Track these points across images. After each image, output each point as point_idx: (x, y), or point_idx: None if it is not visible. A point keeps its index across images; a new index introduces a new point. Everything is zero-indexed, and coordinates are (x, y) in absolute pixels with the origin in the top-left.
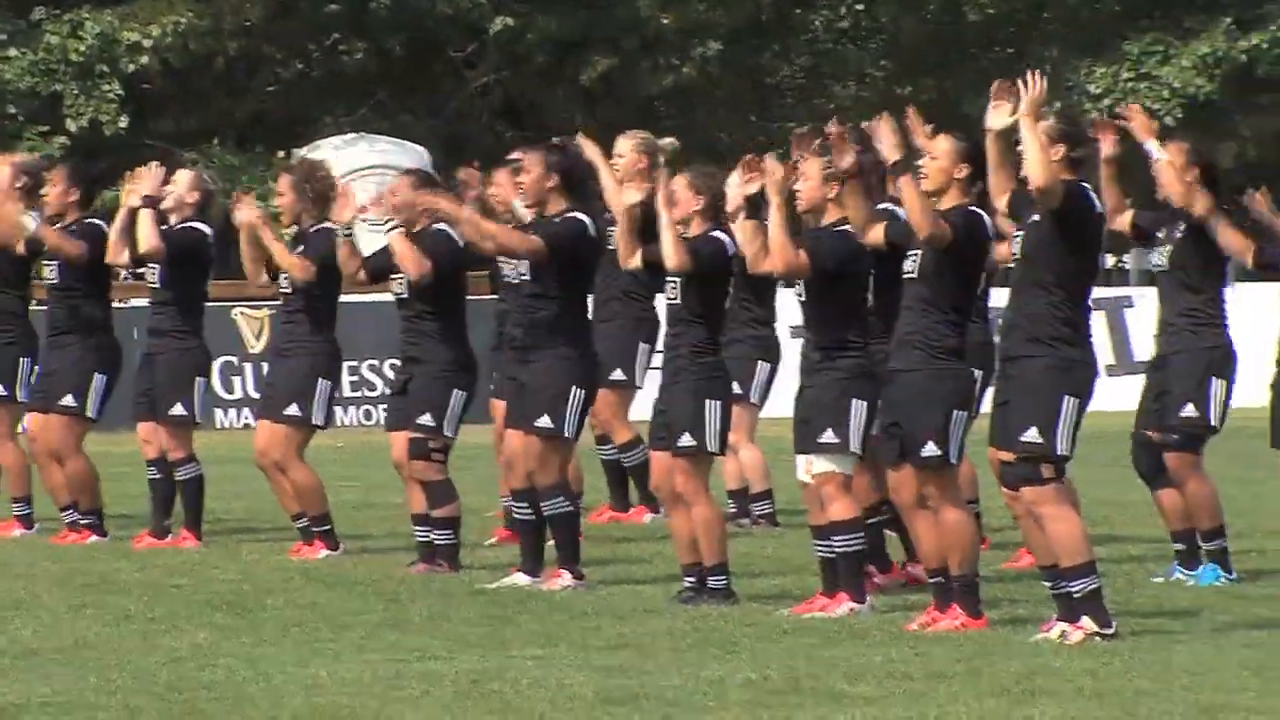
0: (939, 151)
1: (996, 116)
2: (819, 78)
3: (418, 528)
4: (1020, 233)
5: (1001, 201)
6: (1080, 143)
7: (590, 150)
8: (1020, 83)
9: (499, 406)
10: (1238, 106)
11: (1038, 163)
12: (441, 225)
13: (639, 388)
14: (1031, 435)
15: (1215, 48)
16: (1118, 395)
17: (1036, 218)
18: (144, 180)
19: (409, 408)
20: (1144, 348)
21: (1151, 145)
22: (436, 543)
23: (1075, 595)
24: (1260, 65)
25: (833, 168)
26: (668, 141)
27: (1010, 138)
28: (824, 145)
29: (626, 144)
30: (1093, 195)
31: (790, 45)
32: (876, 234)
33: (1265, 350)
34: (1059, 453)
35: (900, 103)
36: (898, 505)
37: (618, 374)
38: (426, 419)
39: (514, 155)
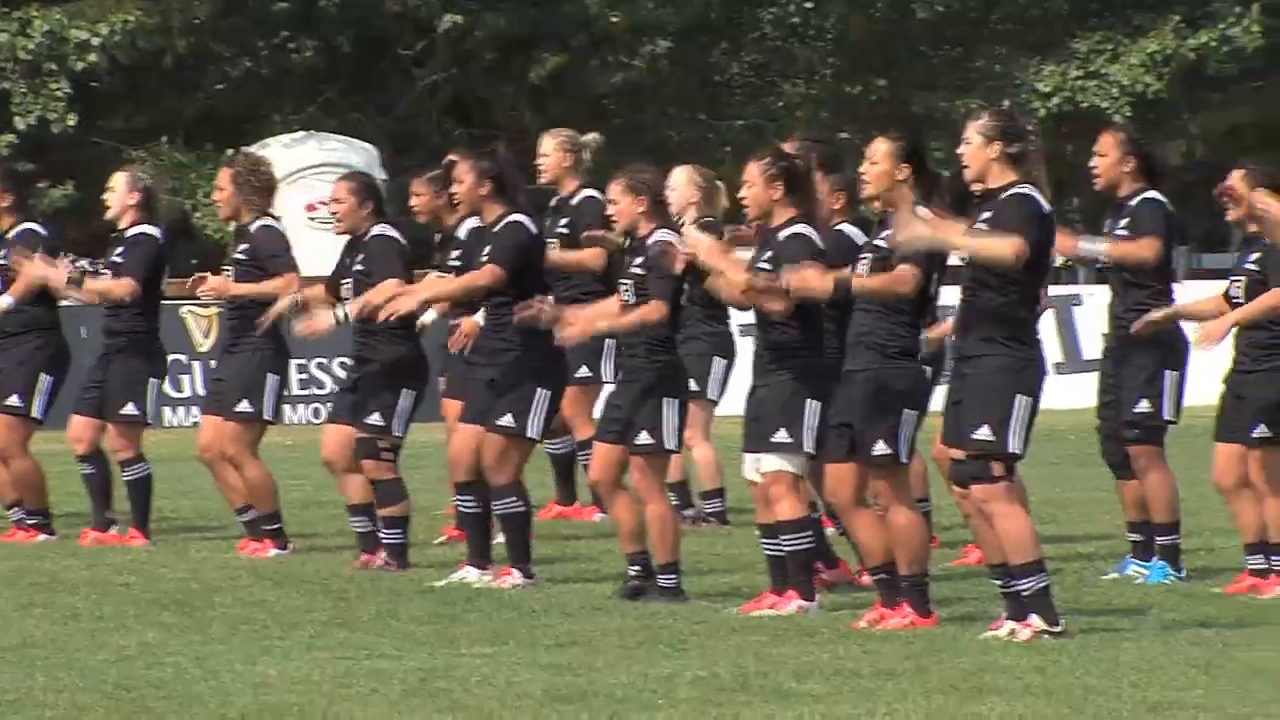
0: (878, 155)
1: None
2: (768, 76)
3: (355, 518)
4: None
5: None
6: (1017, 138)
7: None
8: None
9: (451, 406)
10: (1186, 104)
11: (996, 249)
12: (385, 228)
13: (607, 382)
14: (984, 433)
15: (1164, 46)
16: (1066, 393)
17: (987, 215)
18: (48, 277)
19: (358, 407)
20: (1093, 346)
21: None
22: (385, 541)
23: (1024, 593)
24: (1209, 63)
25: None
26: (591, 136)
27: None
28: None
29: (551, 143)
30: (1038, 196)
31: (739, 43)
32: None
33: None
34: (1011, 451)
35: (849, 101)
36: (835, 505)
37: (584, 371)
38: (376, 418)
39: (451, 158)
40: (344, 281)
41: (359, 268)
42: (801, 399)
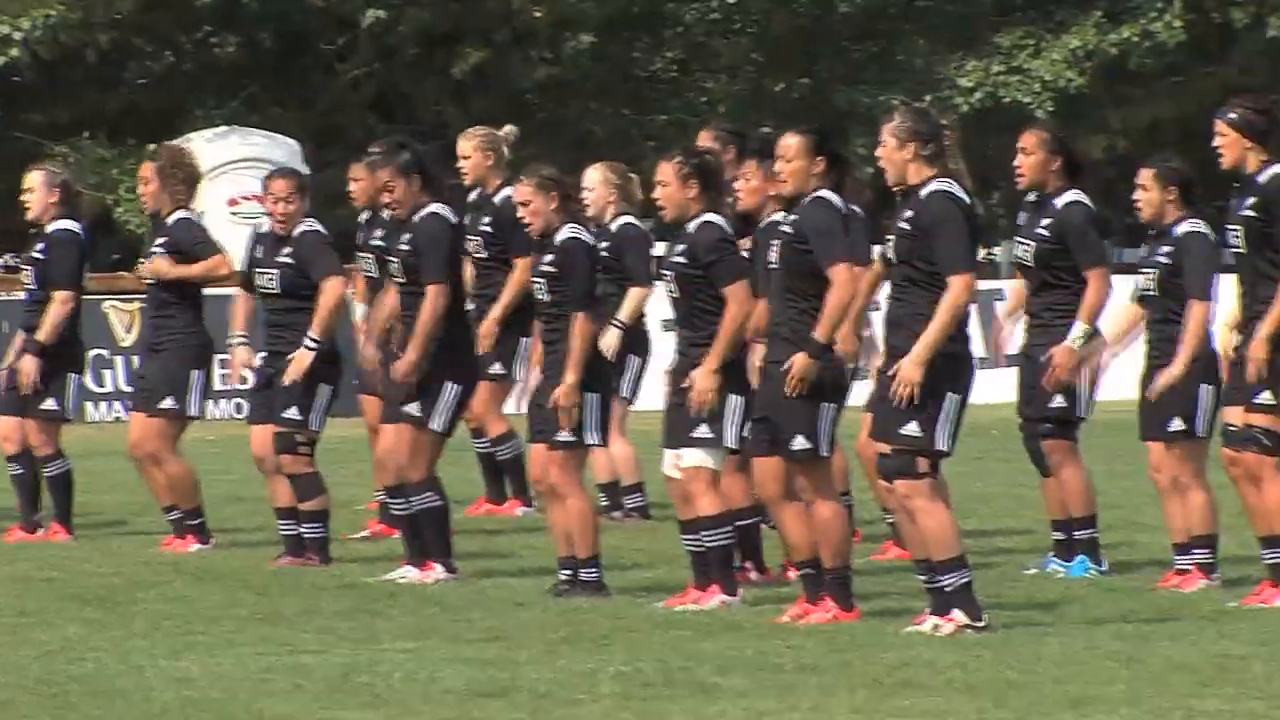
0: (790, 151)
1: None
2: (690, 71)
3: (282, 521)
4: (890, 237)
5: None
6: (931, 138)
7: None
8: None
9: (369, 401)
10: (1108, 99)
11: (943, 328)
12: (311, 224)
13: (517, 381)
14: (912, 429)
15: (1086, 41)
16: (988, 388)
17: (908, 214)
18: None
19: (274, 402)
20: (1015, 340)
21: None
22: (306, 536)
23: (947, 589)
24: (1130, 58)
25: None
26: (508, 129)
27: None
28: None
29: (469, 144)
30: (959, 192)
31: (661, 38)
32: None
33: (1135, 344)
34: (939, 448)
35: (772, 96)
36: (764, 499)
37: (496, 368)
38: (292, 413)
39: (374, 149)
40: (265, 271)
41: (287, 260)
42: (724, 394)
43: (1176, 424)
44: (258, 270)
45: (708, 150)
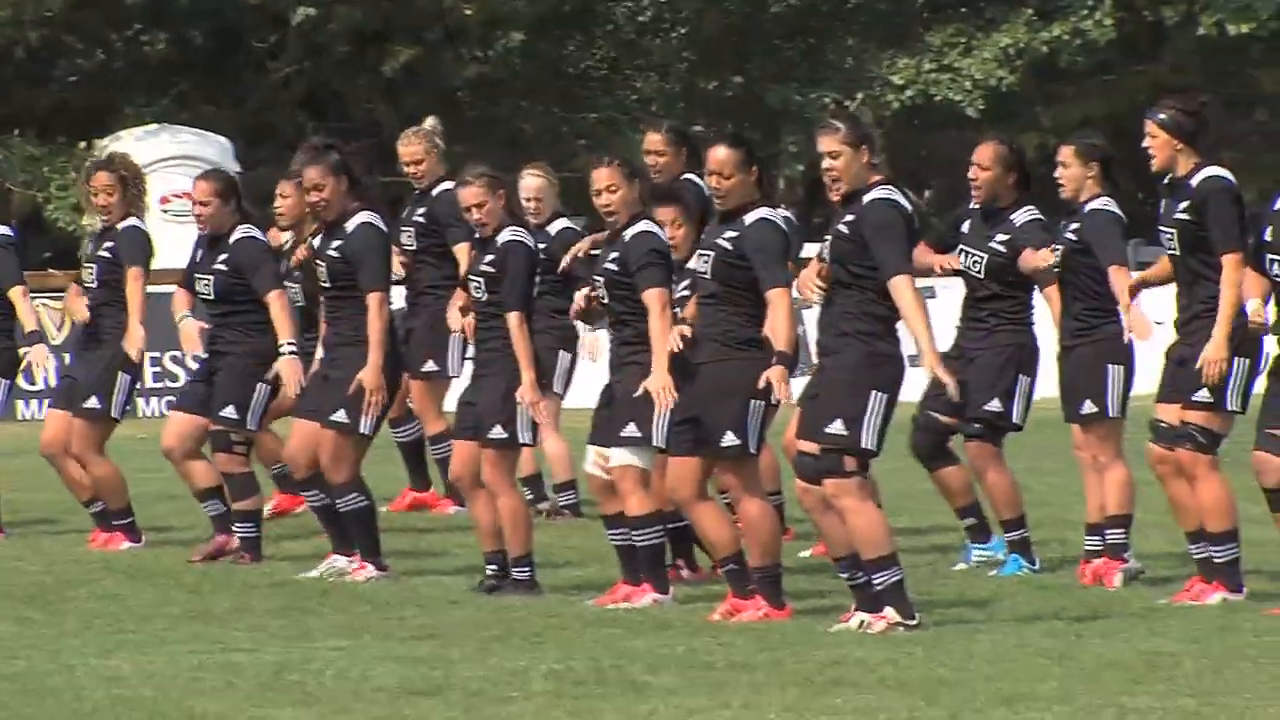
0: (727, 167)
1: None
2: (622, 69)
3: (206, 503)
4: (828, 237)
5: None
6: (875, 142)
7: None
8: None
9: None
10: (1039, 97)
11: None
12: (248, 229)
13: (454, 377)
14: (837, 428)
15: (1017, 39)
16: (919, 386)
17: (849, 218)
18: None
19: (212, 399)
20: (945, 339)
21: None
22: (239, 535)
23: (878, 587)
24: (1061, 56)
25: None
26: (430, 121)
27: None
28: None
29: (419, 147)
30: (899, 196)
31: (592, 36)
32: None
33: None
34: (864, 446)
35: (703, 95)
36: (677, 500)
37: (430, 365)
38: (230, 412)
39: (308, 146)
40: (202, 277)
41: (222, 266)
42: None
43: (1088, 406)
44: (196, 275)
45: (658, 151)
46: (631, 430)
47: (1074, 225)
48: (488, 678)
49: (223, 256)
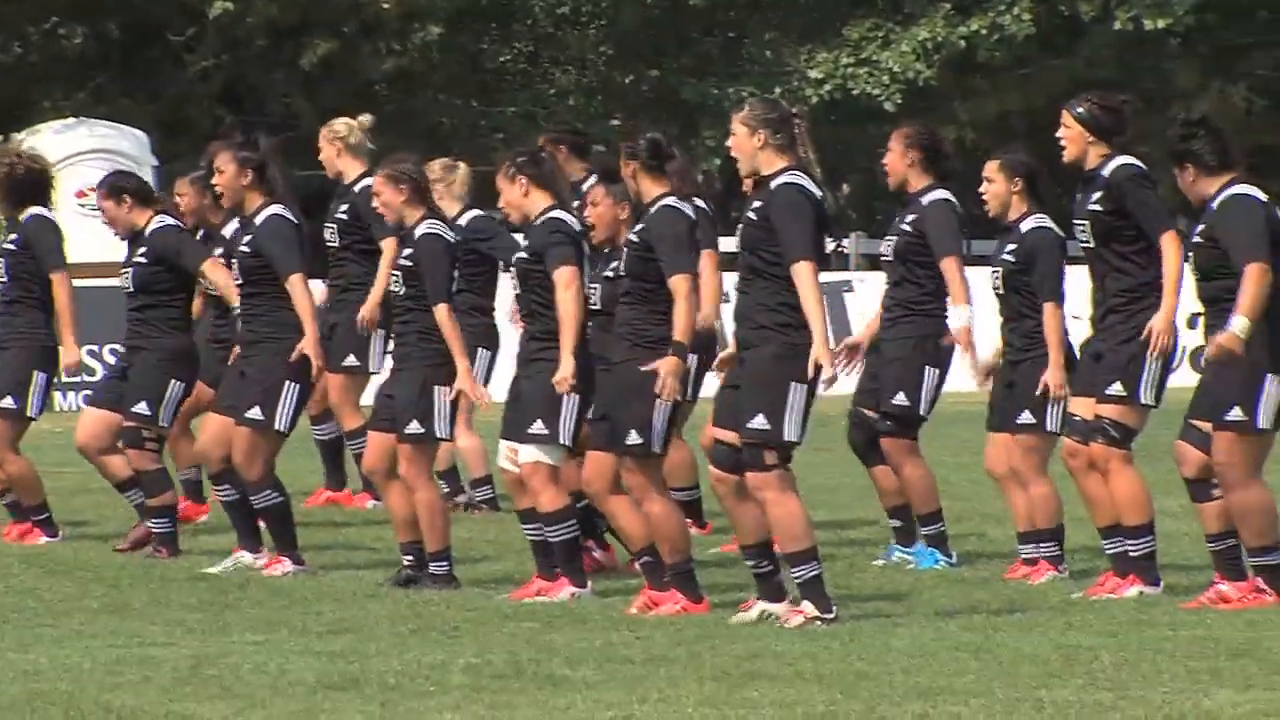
0: (629, 172)
1: None
2: (539, 63)
3: (126, 494)
4: (740, 226)
5: None
6: (781, 127)
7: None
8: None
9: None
10: (957, 92)
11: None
12: (168, 219)
13: (374, 373)
14: (759, 422)
15: (934, 33)
16: (838, 379)
17: (757, 204)
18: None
19: (126, 394)
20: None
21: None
22: (154, 531)
23: (797, 581)
24: (979, 51)
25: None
26: (363, 119)
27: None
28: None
29: (322, 140)
30: (809, 184)
31: (510, 30)
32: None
33: (985, 337)
34: (786, 439)
35: (621, 89)
36: (591, 494)
37: (350, 359)
38: (142, 407)
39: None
40: (123, 270)
41: (141, 259)
42: (560, 391)
43: (1026, 417)
44: (121, 270)
45: (542, 149)
46: (539, 428)
47: (1010, 245)
48: (405, 672)
49: (141, 250)
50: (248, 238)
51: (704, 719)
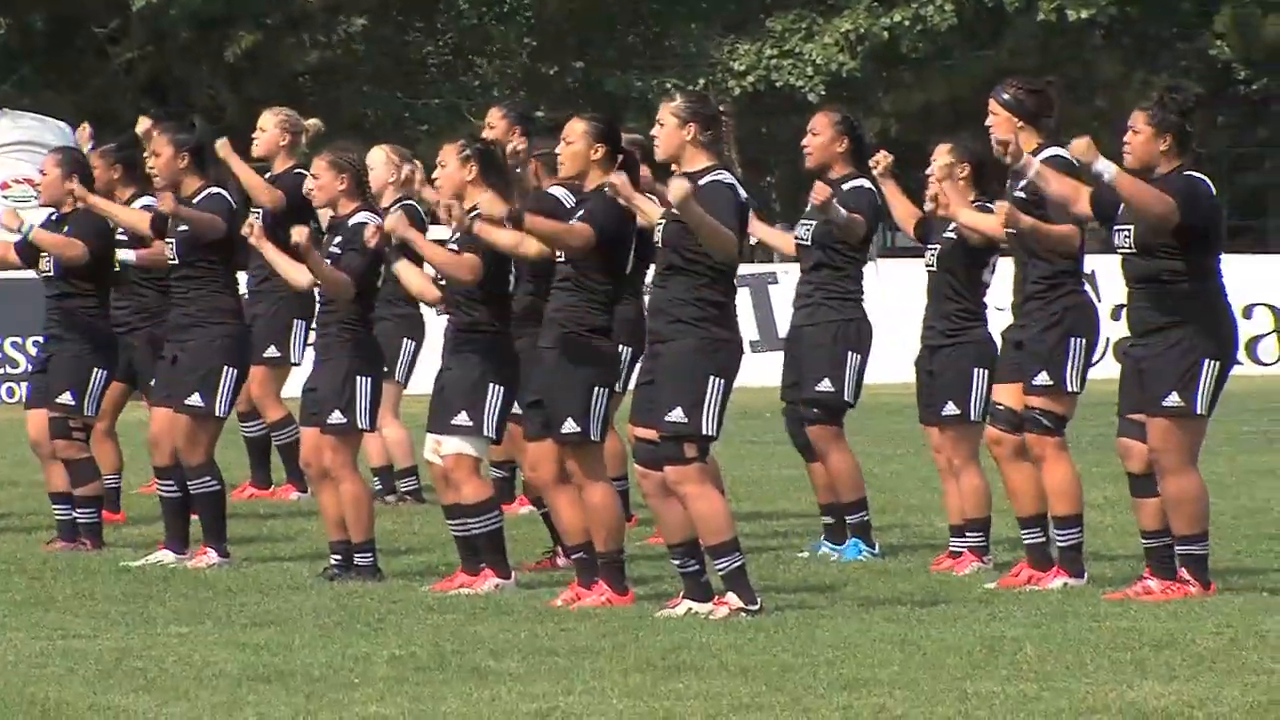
0: (574, 135)
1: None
2: (464, 54)
3: (57, 506)
4: (661, 221)
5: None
6: (711, 124)
7: (228, 156)
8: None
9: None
10: (880, 83)
11: (721, 239)
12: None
13: (295, 364)
14: (677, 415)
15: (858, 25)
16: (762, 371)
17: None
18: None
19: (49, 386)
20: (787, 325)
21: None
22: (79, 520)
23: (721, 573)
24: (902, 42)
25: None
26: (312, 123)
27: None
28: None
29: (271, 120)
30: (734, 181)
31: (435, 22)
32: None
33: (910, 327)
34: (705, 433)
35: (544, 80)
36: (535, 483)
37: (271, 351)
38: (67, 397)
39: (147, 127)
40: (43, 255)
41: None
42: (486, 382)
43: (950, 409)
44: (42, 254)
45: (493, 140)
46: (463, 419)
47: (952, 225)
48: (330, 664)
49: (66, 229)
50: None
51: (630, 710)
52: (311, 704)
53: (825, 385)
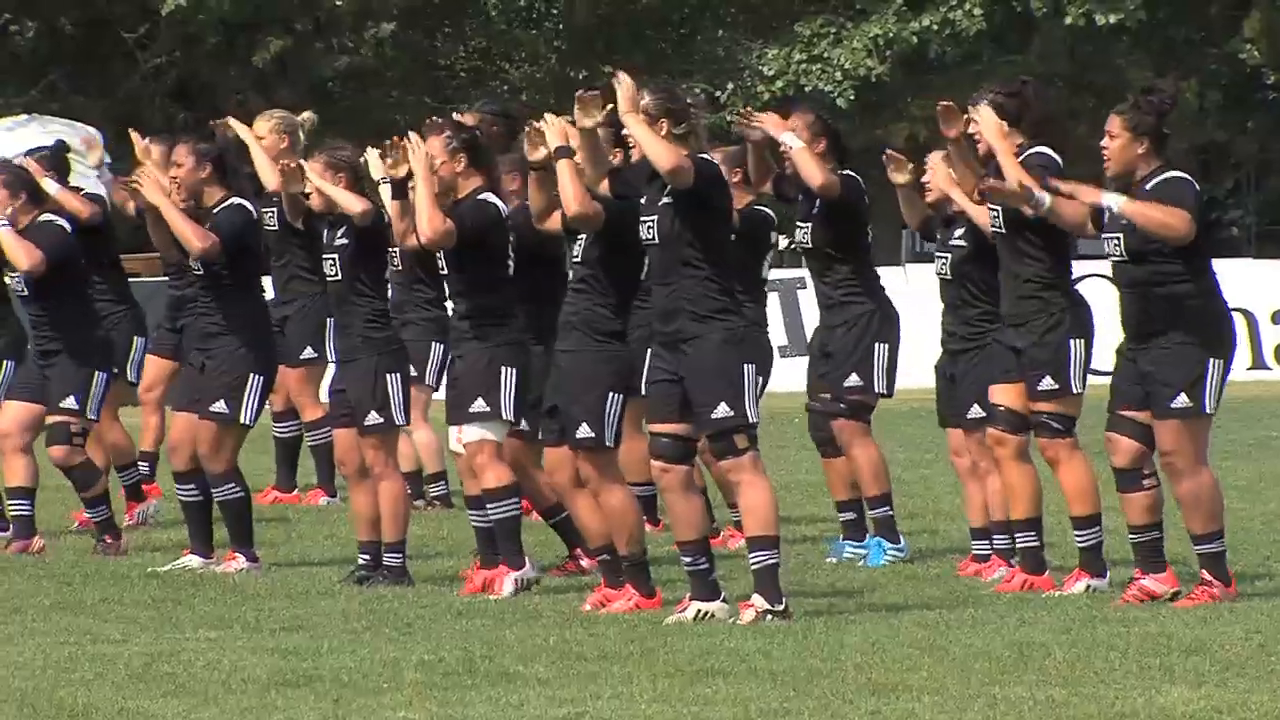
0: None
1: (586, 118)
2: (492, 60)
3: (13, 502)
4: (649, 217)
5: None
6: (683, 118)
7: (239, 130)
8: (614, 82)
9: (152, 364)
10: (909, 87)
11: (659, 149)
12: (51, 216)
13: (332, 362)
14: (722, 411)
15: (886, 29)
16: (791, 376)
17: (667, 201)
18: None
19: (51, 391)
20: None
21: (787, 136)
22: (94, 521)
23: (754, 568)
24: (930, 46)
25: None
26: (305, 116)
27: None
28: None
29: (265, 125)
30: (719, 168)
31: (463, 27)
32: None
33: (937, 332)
34: (751, 420)
35: (573, 85)
36: (555, 487)
37: (309, 352)
38: (70, 402)
39: (139, 147)
40: (13, 275)
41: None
42: (497, 366)
43: (975, 411)
44: (10, 275)
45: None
46: (479, 405)
47: (959, 231)
48: (358, 669)
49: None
50: (209, 225)
51: (658, 715)
52: (340, 709)
53: (854, 380)
